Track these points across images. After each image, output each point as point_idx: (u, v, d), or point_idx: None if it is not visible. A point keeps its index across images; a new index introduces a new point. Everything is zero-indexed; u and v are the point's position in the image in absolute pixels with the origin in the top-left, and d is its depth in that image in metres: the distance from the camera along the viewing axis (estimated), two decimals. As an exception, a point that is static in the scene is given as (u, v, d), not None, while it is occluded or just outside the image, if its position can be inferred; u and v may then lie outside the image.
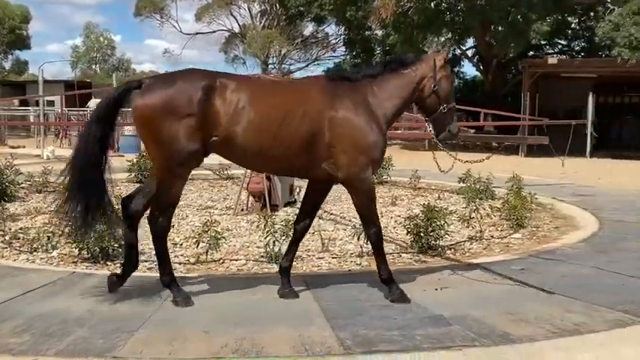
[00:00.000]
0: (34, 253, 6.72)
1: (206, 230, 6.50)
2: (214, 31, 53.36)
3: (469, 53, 37.97)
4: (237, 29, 52.48)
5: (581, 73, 28.99)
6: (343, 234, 8.00)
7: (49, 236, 6.82)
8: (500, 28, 28.95)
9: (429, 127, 5.53)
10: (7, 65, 64.54)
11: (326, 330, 4.38)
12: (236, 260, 6.64)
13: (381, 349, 4.08)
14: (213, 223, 6.58)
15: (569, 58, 35.12)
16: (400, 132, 19.61)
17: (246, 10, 51.75)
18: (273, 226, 6.46)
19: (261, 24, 50.02)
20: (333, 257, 6.85)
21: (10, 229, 7.73)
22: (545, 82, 29.38)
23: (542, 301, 5.19)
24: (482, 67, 34.59)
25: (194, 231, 7.34)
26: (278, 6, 43.88)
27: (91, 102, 36.22)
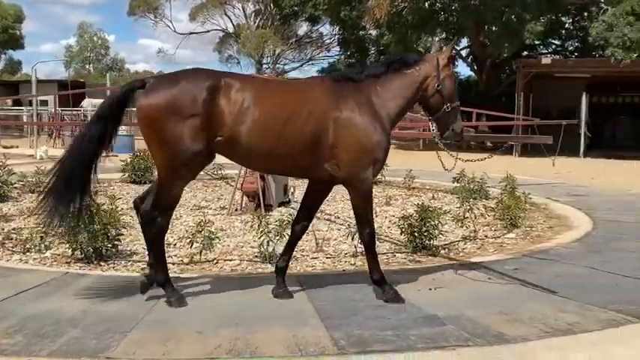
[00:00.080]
0: (27, 254, 6.69)
1: (200, 230, 6.48)
2: (208, 31, 53.35)
3: (463, 53, 38.02)
4: (231, 29, 52.45)
5: (574, 73, 29.10)
6: (337, 234, 8.00)
7: (42, 236, 6.79)
8: (494, 28, 29.04)
9: (432, 127, 5.54)
10: (0, 65, 64.35)
11: (320, 330, 4.38)
12: (230, 260, 6.63)
13: (375, 349, 4.08)
14: (207, 223, 6.57)
15: (563, 58, 35.25)
16: (395, 131, 19.59)
17: (241, 9, 51.75)
18: (267, 226, 6.45)
19: (255, 24, 50.00)
20: (328, 257, 6.85)
21: (3, 230, 7.71)
22: (539, 82, 29.48)
23: (536, 300, 5.19)
24: (476, 67, 34.66)
25: (188, 231, 7.32)
26: (272, 6, 43.87)
27: (85, 102, 36.23)
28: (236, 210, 9.63)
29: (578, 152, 25.06)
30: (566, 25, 36.89)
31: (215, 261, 6.56)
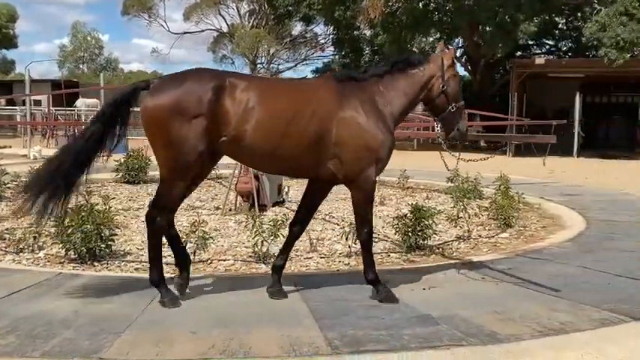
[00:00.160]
0: (21, 254, 6.66)
1: (194, 230, 6.47)
2: (202, 31, 53.33)
3: (457, 53, 38.09)
4: (225, 29, 52.46)
5: (568, 74, 29.20)
6: (331, 234, 7.99)
7: (35, 237, 6.78)
8: (488, 29, 29.08)
9: (437, 127, 5.55)
10: (-7, 64, 64.18)
11: (314, 330, 4.38)
12: (224, 260, 6.62)
13: (369, 348, 4.08)
14: (201, 223, 6.56)
15: (557, 59, 35.37)
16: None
17: (235, 9, 51.77)
18: (262, 226, 6.45)
19: (249, 23, 50.01)
20: (322, 257, 6.85)
21: (-5, 230, 7.66)
22: (533, 82, 29.58)
23: (529, 300, 5.21)
24: (470, 68, 34.71)
25: (182, 231, 7.27)
26: (266, 5, 43.85)
27: (78, 101, 36.18)
28: (230, 210, 9.62)
29: (571, 152, 25.13)
30: (560, 25, 37.01)
31: (209, 261, 6.55)
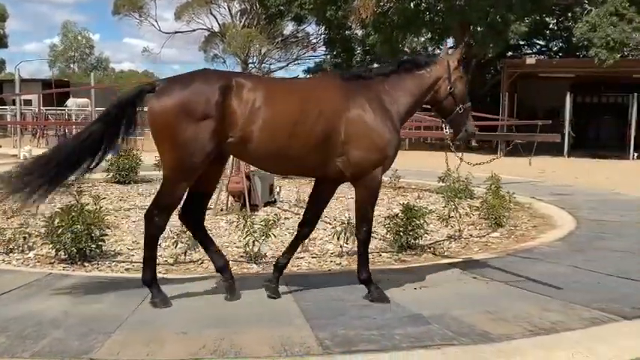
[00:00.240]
0: (10, 255, 6.62)
1: (185, 230, 6.43)
2: (194, 30, 53.08)
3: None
4: (216, 28, 52.26)
5: (559, 74, 29.35)
6: (323, 234, 7.98)
7: (25, 237, 6.74)
8: (479, 29, 29.18)
9: (445, 129, 5.57)
10: (-17, 64, 63.79)
11: (305, 330, 4.37)
12: (215, 260, 6.59)
13: (360, 348, 4.08)
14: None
15: (547, 59, 35.53)
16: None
17: (226, 9, 51.54)
18: (253, 226, 6.44)
19: (241, 23, 49.83)
20: (313, 257, 6.84)
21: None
22: (524, 82, 29.69)
23: (521, 299, 5.22)
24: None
25: (172, 231, 7.26)
26: (258, 5, 43.76)
27: (69, 101, 36.03)
28: (221, 210, 9.60)
29: (562, 152, 25.24)
30: (551, 25, 37.23)
31: (200, 261, 6.53)
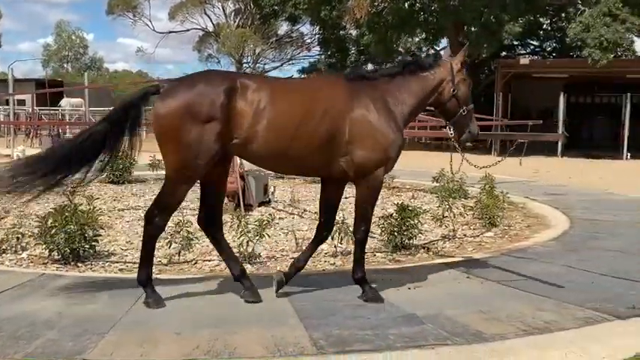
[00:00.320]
0: (3, 255, 6.58)
1: (178, 231, 6.44)
2: (188, 30, 53.14)
3: (442, 54, 38.22)
4: (211, 28, 52.30)
5: (552, 74, 29.43)
6: (317, 234, 7.97)
7: (18, 237, 6.71)
8: (473, 29, 29.22)
9: (449, 131, 5.59)
10: (-24, 63, 63.58)
11: (299, 330, 4.37)
12: (209, 261, 6.59)
13: (355, 348, 4.07)
14: (185, 223, 6.52)
15: (541, 59, 35.61)
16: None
17: (220, 8, 51.63)
18: (247, 226, 6.43)
19: (235, 23, 49.89)
20: (307, 257, 6.82)
21: (-22, 231, 7.57)
22: (518, 82, 29.76)
23: (514, 299, 5.23)
24: (455, 68, 34.82)
25: (166, 231, 7.24)
26: (252, 5, 43.76)
27: (63, 101, 35.93)
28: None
29: (556, 152, 25.31)
30: (544, 25, 37.32)
31: (194, 261, 6.52)
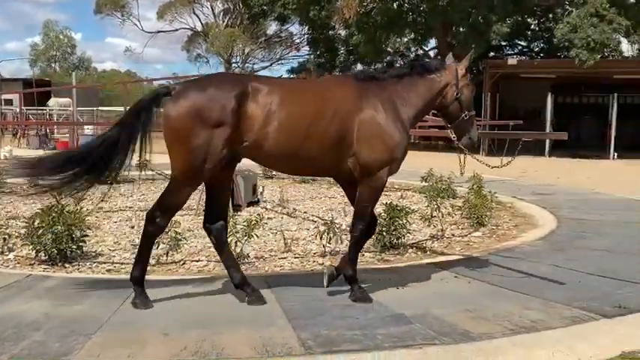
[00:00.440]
0: (-10, 256, 6.55)
1: (166, 231, 6.40)
2: (176, 30, 53.03)
3: (431, 54, 38.34)
4: (199, 28, 52.18)
5: (540, 74, 29.56)
6: (306, 234, 7.98)
7: (5, 238, 6.67)
8: (461, 29, 29.36)
9: (451, 134, 5.62)
10: (-38, 63, 63.05)
11: (287, 330, 4.37)
12: (197, 261, 6.58)
13: (343, 348, 4.07)
14: (173, 223, 6.48)
15: (529, 59, 35.76)
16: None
17: (209, 8, 51.56)
18: (235, 227, 6.42)
19: (224, 22, 49.80)
20: (296, 257, 6.83)
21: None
22: (506, 82, 29.87)
23: (502, 298, 5.25)
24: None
25: (155, 232, 7.23)
26: (241, 5, 43.68)
27: (51, 101, 35.75)
28: (204, 210, 9.53)
29: (543, 152, 25.44)
30: (532, 26, 37.52)
31: (182, 262, 6.51)
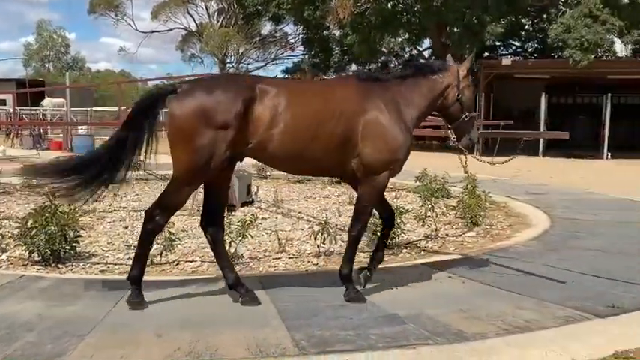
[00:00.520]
0: (-18, 257, 6.53)
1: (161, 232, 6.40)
2: (171, 30, 52.97)
3: (425, 54, 38.39)
4: (194, 27, 52.14)
5: (534, 74, 29.61)
6: (300, 234, 7.98)
7: (-3, 239, 6.66)
8: (455, 30, 29.36)
9: (451, 135, 5.64)
10: (-45, 63, 62.83)
11: (281, 331, 4.37)
12: (191, 262, 6.57)
13: (336, 349, 4.08)
14: (167, 224, 6.48)
15: (523, 60, 35.81)
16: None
17: (204, 8, 51.50)
18: (230, 227, 6.41)
19: (218, 22, 49.77)
20: (290, 257, 6.83)
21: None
22: (500, 82, 29.89)
23: (495, 298, 5.26)
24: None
25: (148, 232, 7.22)
26: (235, 5, 43.62)
27: (45, 101, 35.62)
28: (198, 211, 9.52)
29: (537, 152, 25.49)
30: (526, 26, 37.58)
31: (176, 262, 6.49)
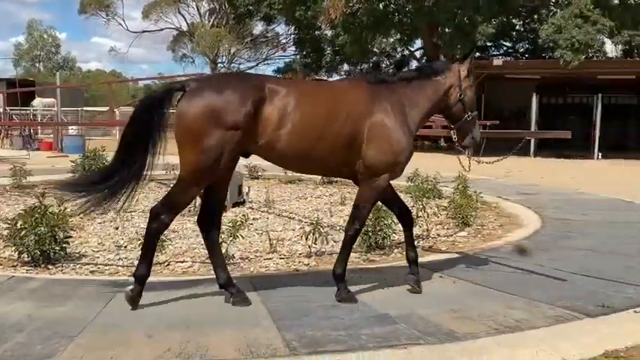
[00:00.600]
0: (-29, 258, 6.49)
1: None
2: (162, 29, 52.81)
3: (417, 54, 38.50)
4: (185, 27, 52.02)
5: (525, 75, 29.69)
6: (292, 234, 7.98)
7: (-14, 240, 6.62)
8: (447, 30, 29.44)
9: (453, 135, 5.66)
10: (-55, 63, 62.46)
11: (272, 331, 4.36)
12: (182, 262, 6.55)
13: (327, 349, 4.08)
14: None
15: (514, 60, 35.93)
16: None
17: (195, 8, 51.37)
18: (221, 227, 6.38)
19: (209, 22, 49.68)
20: (281, 258, 6.82)
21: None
22: (491, 83, 29.91)
23: (486, 298, 5.27)
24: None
25: (139, 233, 7.21)
26: (227, 4, 43.57)
27: (35, 101, 35.41)
28: (189, 211, 9.51)
29: (528, 152, 25.58)
30: (517, 27, 37.72)
31: (166, 263, 6.47)
